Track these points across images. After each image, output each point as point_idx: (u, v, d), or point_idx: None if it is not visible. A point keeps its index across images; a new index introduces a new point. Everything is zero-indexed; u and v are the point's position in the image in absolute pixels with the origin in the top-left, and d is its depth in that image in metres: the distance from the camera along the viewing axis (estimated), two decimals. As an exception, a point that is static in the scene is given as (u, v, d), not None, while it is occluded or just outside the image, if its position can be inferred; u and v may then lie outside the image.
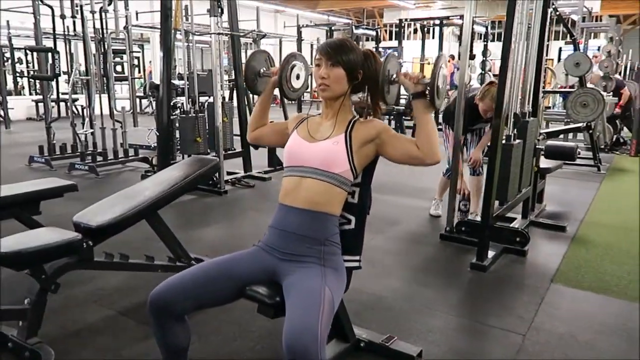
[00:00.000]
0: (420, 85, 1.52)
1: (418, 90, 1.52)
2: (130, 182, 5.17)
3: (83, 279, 2.61)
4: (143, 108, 12.17)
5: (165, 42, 4.43)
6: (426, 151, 1.50)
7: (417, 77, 1.52)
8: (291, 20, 16.92)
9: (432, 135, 1.50)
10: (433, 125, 1.52)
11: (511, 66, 2.84)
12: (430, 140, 1.49)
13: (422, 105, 1.52)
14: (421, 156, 1.50)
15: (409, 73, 1.54)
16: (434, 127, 1.51)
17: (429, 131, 1.50)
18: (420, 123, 1.52)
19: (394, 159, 1.57)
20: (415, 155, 1.51)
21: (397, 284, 2.72)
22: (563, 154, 3.82)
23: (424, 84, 1.51)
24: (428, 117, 1.51)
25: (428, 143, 1.49)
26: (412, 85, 1.53)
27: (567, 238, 3.51)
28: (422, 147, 1.50)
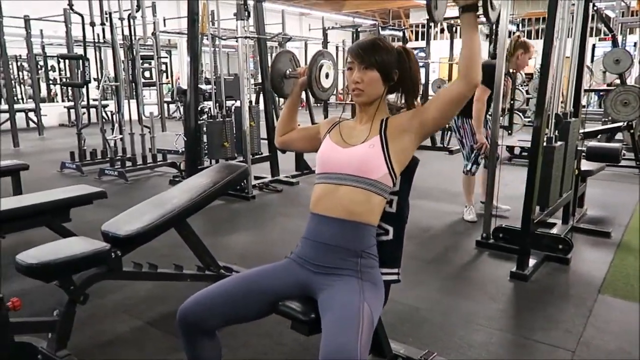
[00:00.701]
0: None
1: (468, 3, 1.37)
2: (158, 187, 5.18)
3: (111, 288, 2.58)
4: (171, 113, 12.31)
5: (192, 47, 4.42)
6: (467, 74, 1.36)
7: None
8: (316, 23, 16.88)
9: (476, 56, 1.36)
10: (479, 44, 1.37)
11: (553, 64, 2.69)
12: (472, 60, 1.36)
13: (471, 20, 1.37)
14: (462, 84, 1.37)
15: None
16: (479, 47, 1.37)
17: (474, 48, 1.36)
18: (466, 39, 1.38)
19: (438, 114, 1.43)
20: (455, 90, 1.39)
21: (432, 294, 2.60)
22: (606, 156, 3.62)
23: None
24: (476, 34, 1.37)
25: (470, 61, 1.36)
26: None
27: (612, 245, 3.32)
28: (464, 69, 1.36)
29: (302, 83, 1.71)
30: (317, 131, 1.68)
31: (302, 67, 1.72)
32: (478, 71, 1.38)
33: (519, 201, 3.87)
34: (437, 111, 1.44)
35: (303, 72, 1.70)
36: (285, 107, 1.77)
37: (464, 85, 1.37)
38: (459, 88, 1.39)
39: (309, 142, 1.72)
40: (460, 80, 1.38)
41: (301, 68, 1.73)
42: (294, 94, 1.75)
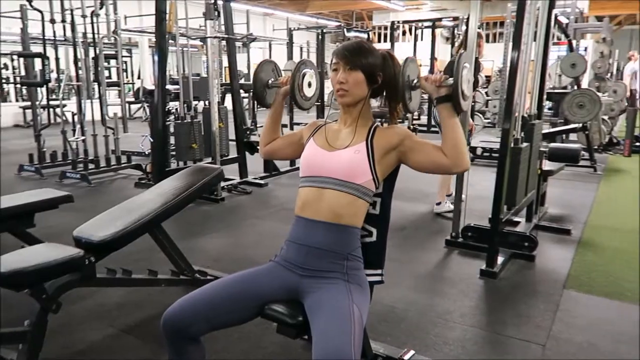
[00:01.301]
0: (444, 88, 1.44)
1: (441, 95, 1.45)
2: (124, 190, 5.06)
3: (83, 295, 2.49)
4: (132, 114, 12.00)
5: (160, 46, 4.33)
6: (454, 159, 1.42)
7: (439, 79, 1.44)
8: (280, 24, 16.82)
9: (460, 141, 1.42)
10: (460, 131, 1.44)
11: (520, 68, 2.79)
12: (458, 147, 1.42)
13: (447, 110, 1.44)
14: (449, 164, 1.43)
15: (430, 76, 1.46)
16: (461, 133, 1.44)
17: (457, 137, 1.43)
18: (446, 128, 1.44)
19: (419, 167, 1.49)
20: (442, 163, 1.44)
21: (407, 293, 2.65)
22: (567, 156, 3.78)
23: (448, 86, 1.44)
24: (454, 121, 1.44)
25: (456, 150, 1.42)
26: (435, 89, 1.45)
27: (573, 241, 3.47)
28: (450, 155, 1.42)
29: (284, 92, 1.71)
30: (300, 136, 1.68)
31: (285, 76, 1.72)
32: (467, 157, 1.44)
33: (485, 201, 4.00)
34: (423, 164, 1.48)
35: (285, 81, 1.70)
36: (268, 117, 1.77)
37: (454, 168, 1.43)
38: (450, 167, 1.44)
39: (294, 148, 1.72)
40: (451, 163, 1.42)
41: (283, 77, 1.73)
42: (277, 103, 1.75)
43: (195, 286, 2.53)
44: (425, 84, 1.47)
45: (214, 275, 2.62)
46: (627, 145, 7.14)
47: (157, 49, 4.37)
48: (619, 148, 7.39)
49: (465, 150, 1.43)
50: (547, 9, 3.28)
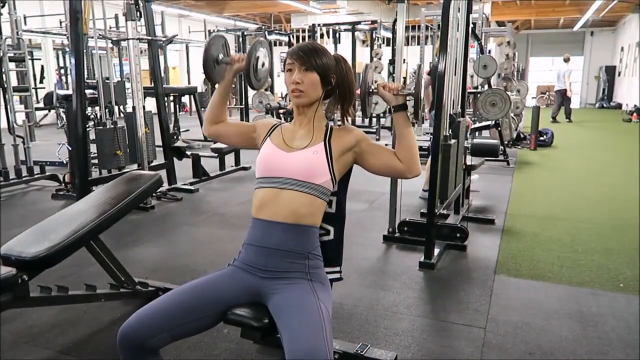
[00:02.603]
0: (401, 96, 1.50)
1: (399, 103, 1.50)
2: (40, 202, 4.69)
3: (8, 316, 2.29)
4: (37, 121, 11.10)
5: (76, 47, 4.05)
6: (408, 165, 1.49)
7: (397, 88, 1.49)
8: (196, 25, 16.42)
9: (414, 148, 1.49)
10: (414, 138, 1.50)
11: (448, 70, 2.95)
12: (412, 154, 1.48)
13: (403, 118, 1.50)
14: (403, 169, 1.49)
15: (387, 84, 1.51)
16: (415, 140, 1.50)
17: (411, 144, 1.49)
18: (401, 136, 1.50)
19: (373, 169, 1.54)
20: (396, 168, 1.50)
21: (353, 289, 2.70)
22: (488, 151, 4.05)
23: (405, 94, 1.49)
24: (409, 129, 1.50)
25: (410, 156, 1.48)
26: (393, 97, 1.50)
27: (497, 230, 3.73)
28: (404, 161, 1.48)
29: (237, 69, 1.66)
30: (254, 129, 1.66)
31: (237, 54, 1.68)
32: (418, 163, 1.51)
33: (412, 196, 4.19)
34: (378, 167, 1.53)
35: (238, 59, 1.65)
36: (216, 93, 1.70)
37: (408, 173, 1.50)
38: (404, 172, 1.50)
39: (242, 139, 1.68)
40: (405, 168, 1.49)
41: (236, 55, 1.69)
42: (227, 81, 1.69)
43: (137, 299, 2.45)
44: (384, 92, 1.51)
45: (156, 286, 2.52)
46: (533, 140, 7.77)
47: (72, 51, 4.09)
48: (526, 143, 8.03)
49: (418, 157, 1.50)
50: (466, 14, 3.50)
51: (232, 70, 1.67)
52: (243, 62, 1.62)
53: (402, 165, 1.49)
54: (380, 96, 1.52)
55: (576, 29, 17.53)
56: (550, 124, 11.22)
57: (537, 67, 20.33)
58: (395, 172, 1.51)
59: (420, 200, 4.47)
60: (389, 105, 1.51)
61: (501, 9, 15.72)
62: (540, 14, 16.19)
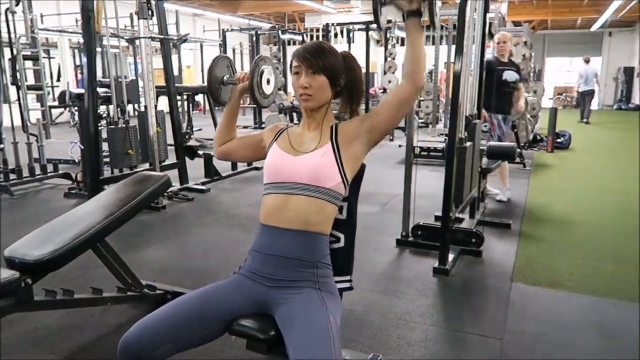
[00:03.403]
0: (415, 2, 1.41)
1: (413, 8, 1.41)
2: (52, 201, 4.69)
3: (14, 319, 2.23)
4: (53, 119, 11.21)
5: (88, 46, 4.04)
6: (414, 76, 1.40)
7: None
8: (210, 24, 16.43)
9: (422, 59, 1.41)
10: (423, 48, 1.42)
11: (464, 70, 2.86)
12: (419, 64, 1.40)
13: (415, 25, 1.41)
14: (409, 85, 1.41)
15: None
16: (424, 51, 1.42)
17: (420, 54, 1.40)
18: (412, 43, 1.41)
19: (388, 119, 1.45)
20: (403, 90, 1.42)
21: (365, 295, 2.63)
22: (504, 154, 3.94)
23: (420, 0, 1.41)
24: (421, 38, 1.41)
25: (417, 66, 1.40)
26: (407, 3, 1.41)
27: (514, 235, 3.63)
28: (410, 72, 1.40)
29: (242, 89, 1.63)
30: (261, 139, 1.61)
31: (242, 72, 1.64)
32: (423, 74, 1.42)
33: (426, 199, 4.10)
34: (387, 112, 1.45)
35: (242, 77, 1.62)
36: (223, 114, 1.67)
37: (411, 86, 1.41)
38: (408, 88, 1.42)
39: (252, 151, 1.64)
40: (408, 82, 1.41)
41: (240, 74, 1.64)
42: (233, 101, 1.66)
43: (144, 302, 2.40)
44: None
45: (164, 289, 2.47)
46: (550, 141, 7.61)
47: (85, 49, 4.08)
48: (543, 145, 7.87)
49: (423, 68, 1.43)
50: (482, 14, 3.40)
51: (237, 90, 1.63)
52: (247, 81, 1.58)
53: (407, 84, 1.41)
54: (393, 4, 1.45)
55: (594, 30, 17.21)
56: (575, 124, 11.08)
57: (553, 68, 20.02)
58: (404, 95, 1.43)
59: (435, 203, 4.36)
60: (402, 11, 1.43)
61: (517, 8, 15.50)
62: (557, 14, 15.93)
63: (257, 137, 1.63)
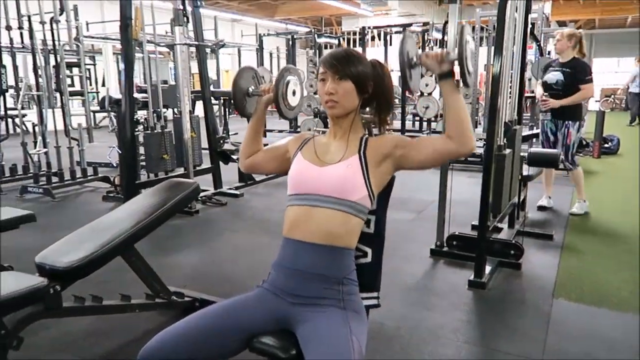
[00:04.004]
0: (446, 63, 1.34)
1: (444, 71, 1.34)
2: (91, 204, 4.81)
3: (46, 323, 2.27)
4: (97, 123, 11.59)
5: (126, 53, 4.12)
6: (459, 139, 1.31)
7: (441, 54, 1.34)
8: (248, 29, 16.63)
9: (465, 118, 1.32)
10: (464, 107, 1.33)
11: (504, 73, 2.74)
12: (462, 126, 1.31)
13: (450, 86, 1.34)
14: (453, 147, 1.32)
15: (430, 52, 1.36)
16: (465, 110, 1.33)
17: (462, 115, 1.32)
18: (450, 106, 1.33)
19: (422, 162, 1.38)
20: (448, 149, 1.33)
21: (396, 307, 2.54)
22: (546, 161, 3.76)
23: (450, 61, 1.34)
24: (459, 98, 1.33)
25: (461, 127, 1.31)
26: (437, 66, 1.34)
27: (556, 247, 3.45)
28: (454, 134, 1.31)
29: (267, 100, 1.58)
30: (286, 150, 1.56)
31: (267, 84, 1.60)
32: (471, 135, 1.33)
33: (463, 206, 3.95)
34: (425, 157, 1.37)
35: (268, 89, 1.58)
36: (249, 127, 1.64)
37: (460, 148, 1.32)
38: (456, 149, 1.33)
39: (278, 163, 1.59)
40: (455, 144, 1.32)
41: (265, 85, 1.61)
42: (259, 113, 1.62)
43: (171, 310, 2.40)
44: (426, 61, 1.36)
45: (191, 296, 2.46)
46: (597, 147, 7.27)
47: (123, 56, 4.16)
48: (589, 150, 7.52)
49: (471, 129, 1.33)
50: (524, 14, 3.26)
51: (263, 101, 1.59)
52: (273, 93, 1.54)
53: (451, 143, 1.32)
54: (424, 66, 1.38)
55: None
56: (625, 128, 10.60)
57: (601, 69, 19.20)
58: (446, 153, 1.34)
59: (472, 211, 4.22)
60: (433, 73, 1.37)
61: (562, 8, 14.98)
62: (606, 12, 15.29)
63: (282, 149, 1.58)
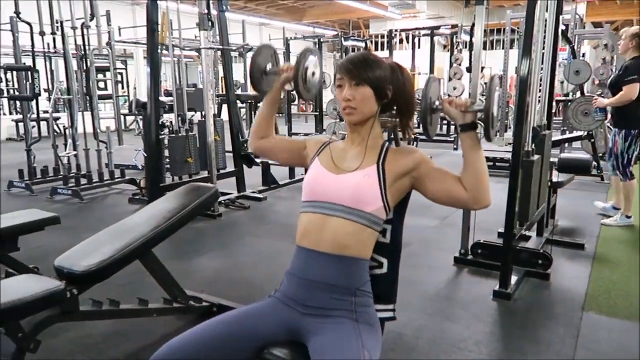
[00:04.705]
0: (470, 114, 1.29)
1: (467, 121, 1.29)
2: (117, 206, 4.88)
3: (65, 326, 2.30)
4: (127, 125, 11.84)
5: (152, 57, 4.18)
6: (474, 194, 1.27)
7: (466, 104, 1.29)
8: (276, 33, 16.74)
9: (483, 175, 1.27)
10: (484, 163, 1.29)
11: (532, 76, 2.64)
12: (480, 181, 1.27)
13: (472, 139, 1.29)
14: (467, 199, 1.28)
15: (454, 99, 1.30)
16: (485, 166, 1.28)
17: (479, 170, 1.27)
18: (469, 160, 1.28)
19: (433, 197, 1.34)
20: (460, 198, 1.29)
21: (415, 317, 2.47)
22: (578, 167, 3.63)
23: (475, 111, 1.28)
24: (479, 152, 1.28)
25: (478, 184, 1.27)
26: (460, 115, 1.29)
27: (587, 257, 3.31)
28: (470, 189, 1.27)
29: (284, 80, 1.54)
30: (304, 147, 1.52)
31: (286, 64, 1.57)
32: (488, 193, 1.27)
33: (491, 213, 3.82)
34: (436, 192, 1.32)
35: (286, 68, 1.54)
36: (263, 105, 1.60)
37: (473, 203, 1.29)
38: (468, 202, 1.29)
39: (291, 156, 1.56)
40: (471, 198, 1.27)
41: (284, 65, 1.57)
42: (274, 91, 1.58)
43: (189, 314, 2.39)
44: (449, 108, 1.31)
45: (209, 301, 2.45)
46: (632, 152, 6.98)
47: (149, 60, 4.22)
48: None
49: (488, 186, 1.28)
50: (555, 15, 3.14)
51: (280, 80, 1.55)
52: (291, 72, 1.50)
53: (466, 195, 1.27)
54: (445, 113, 1.32)
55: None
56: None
57: (638, 71, 18.50)
58: (458, 202, 1.30)
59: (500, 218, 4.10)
60: (455, 123, 1.31)
61: (597, 8, 14.53)
62: (644, 13, 14.74)
63: (300, 144, 1.54)
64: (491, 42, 18.20)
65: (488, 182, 1.28)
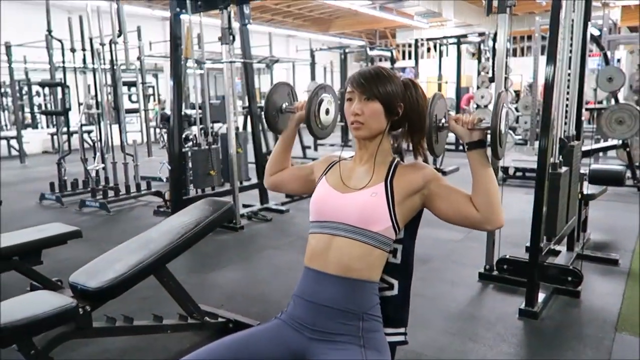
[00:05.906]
0: (477, 131, 1.23)
1: (474, 139, 1.23)
2: (142, 218, 4.95)
3: (84, 341, 2.31)
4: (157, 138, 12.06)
5: (175, 72, 4.24)
6: (486, 214, 1.20)
7: (473, 121, 1.23)
8: (303, 44, 16.86)
9: (494, 193, 1.20)
10: (495, 181, 1.22)
11: (557, 84, 2.54)
12: (490, 201, 1.20)
13: (480, 157, 1.23)
14: (479, 219, 1.21)
15: (461, 117, 1.25)
16: (495, 184, 1.22)
17: (489, 189, 1.21)
18: (478, 179, 1.22)
19: (443, 216, 1.28)
20: (471, 218, 1.22)
21: (437, 336, 2.39)
22: (610, 179, 3.48)
23: (482, 129, 1.22)
24: (488, 171, 1.22)
25: (489, 203, 1.20)
26: (467, 133, 1.23)
27: (621, 273, 3.15)
28: (481, 208, 1.21)
29: (298, 118, 1.51)
30: (311, 172, 1.49)
31: (300, 101, 1.54)
32: (500, 213, 1.21)
33: (518, 226, 3.69)
34: (446, 212, 1.27)
35: (300, 106, 1.51)
36: (278, 144, 1.58)
37: (486, 223, 1.22)
38: (480, 222, 1.22)
39: (302, 184, 1.52)
40: (483, 218, 1.21)
41: (299, 102, 1.54)
42: (289, 130, 1.56)
43: (205, 330, 2.38)
44: (456, 126, 1.25)
45: (225, 317, 2.43)
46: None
47: (172, 74, 4.28)
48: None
49: (500, 204, 1.21)
50: (583, 21, 3.03)
51: (294, 119, 1.52)
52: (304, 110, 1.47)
53: (477, 215, 1.21)
54: (452, 131, 1.26)
55: None
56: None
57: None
58: (469, 222, 1.24)
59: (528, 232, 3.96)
60: (462, 142, 1.25)
61: (633, 13, 14.04)
62: (683, 16, 14.18)
63: (307, 170, 1.51)
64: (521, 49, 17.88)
65: (499, 201, 1.21)
